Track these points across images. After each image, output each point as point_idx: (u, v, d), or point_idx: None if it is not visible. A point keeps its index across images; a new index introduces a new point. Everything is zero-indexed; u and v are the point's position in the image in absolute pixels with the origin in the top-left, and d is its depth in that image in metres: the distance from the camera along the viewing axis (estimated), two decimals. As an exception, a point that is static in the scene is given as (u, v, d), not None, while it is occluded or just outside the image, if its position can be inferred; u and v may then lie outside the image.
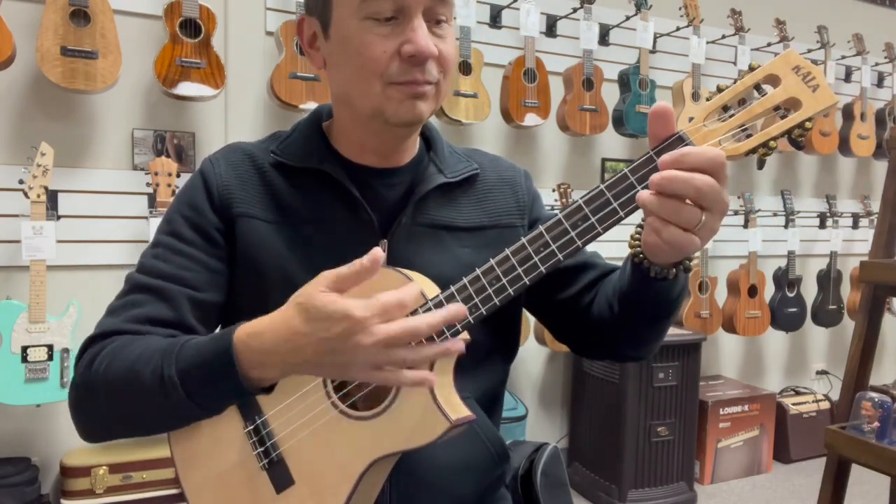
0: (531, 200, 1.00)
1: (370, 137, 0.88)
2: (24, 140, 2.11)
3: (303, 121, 0.95)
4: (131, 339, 0.80)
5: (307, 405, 0.81)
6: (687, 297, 3.03)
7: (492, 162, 1.00)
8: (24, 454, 2.18)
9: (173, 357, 0.73)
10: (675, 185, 0.67)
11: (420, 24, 0.78)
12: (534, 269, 0.74)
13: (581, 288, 0.95)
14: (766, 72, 0.71)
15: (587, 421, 2.92)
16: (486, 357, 0.93)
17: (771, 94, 0.71)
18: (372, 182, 0.90)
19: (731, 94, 0.71)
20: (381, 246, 0.86)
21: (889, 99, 3.63)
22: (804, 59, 0.70)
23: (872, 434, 1.53)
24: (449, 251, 0.90)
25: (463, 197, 0.94)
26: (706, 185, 0.66)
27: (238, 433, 0.84)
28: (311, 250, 0.87)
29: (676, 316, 0.88)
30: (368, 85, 0.81)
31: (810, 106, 0.70)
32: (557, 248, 0.74)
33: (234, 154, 0.92)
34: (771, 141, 0.71)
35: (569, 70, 2.78)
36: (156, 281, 0.84)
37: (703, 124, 0.72)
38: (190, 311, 0.84)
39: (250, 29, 2.40)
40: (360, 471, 0.78)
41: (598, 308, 0.91)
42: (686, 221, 0.68)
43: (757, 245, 3.16)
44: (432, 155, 0.94)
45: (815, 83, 0.70)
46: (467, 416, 0.76)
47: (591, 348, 0.99)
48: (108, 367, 0.77)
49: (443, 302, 0.76)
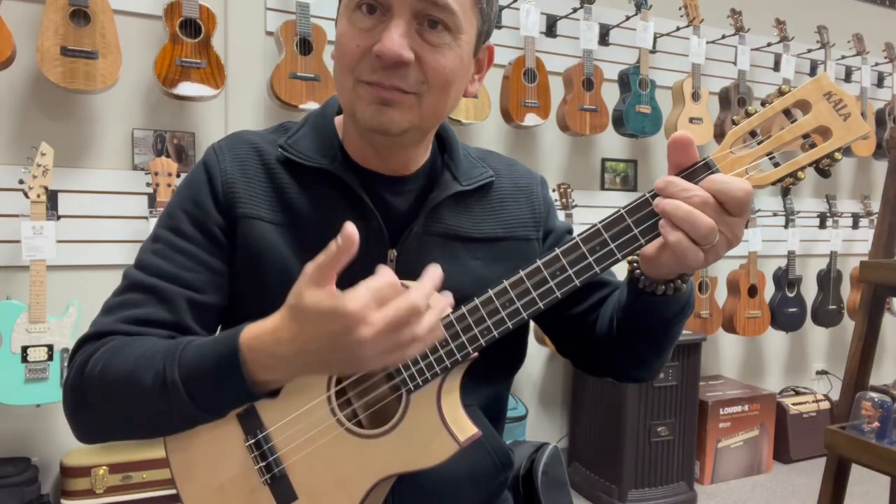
0: (546, 210, 0.96)
1: (364, 141, 0.84)
2: (24, 140, 2.11)
3: (314, 113, 0.91)
4: (128, 340, 0.77)
5: (312, 421, 0.79)
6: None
7: (508, 168, 0.96)
8: (24, 454, 2.17)
9: (176, 359, 0.71)
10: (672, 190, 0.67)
11: (398, 24, 0.73)
12: (549, 294, 0.73)
13: (589, 306, 0.92)
14: (797, 97, 0.69)
15: (587, 421, 2.91)
16: (493, 368, 0.91)
17: (801, 122, 0.68)
18: (381, 188, 0.85)
19: (760, 119, 0.69)
20: (390, 255, 0.84)
21: (889, 99, 3.63)
22: (836, 86, 0.68)
23: (872, 434, 1.52)
24: (461, 263, 0.86)
25: (477, 205, 0.90)
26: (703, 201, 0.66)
27: (239, 446, 0.81)
28: (316, 255, 0.84)
29: (674, 336, 0.85)
30: (343, 79, 0.78)
31: (841, 136, 0.67)
32: (574, 273, 0.72)
33: (239, 145, 0.87)
34: (799, 171, 0.69)
35: (569, 70, 2.78)
36: (154, 280, 0.81)
37: (730, 150, 0.69)
38: (188, 314, 0.81)
39: (250, 29, 2.40)
40: (365, 490, 0.77)
41: (601, 324, 0.89)
42: (698, 231, 0.66)
43: (757, 245, 3.16)
44: (447, 159, 0.90)
45: (846, 111, 0.67)
46: (474, 435, 0.75)
47: (592, 365, 0.96)
48: (104, 369, 0.75)
49: (453, 322, 0.74)
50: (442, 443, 0.74)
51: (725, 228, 0.67)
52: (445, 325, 0.74)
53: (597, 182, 3.09)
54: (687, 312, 0.82)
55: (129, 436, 0.80)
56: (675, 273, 0.74)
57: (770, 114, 0.69)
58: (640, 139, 3.03)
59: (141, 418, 0.76)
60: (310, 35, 2.27)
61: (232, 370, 0.68)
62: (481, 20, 0.81)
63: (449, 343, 0.74)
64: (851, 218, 3.69)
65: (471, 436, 0.75)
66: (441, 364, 0.75)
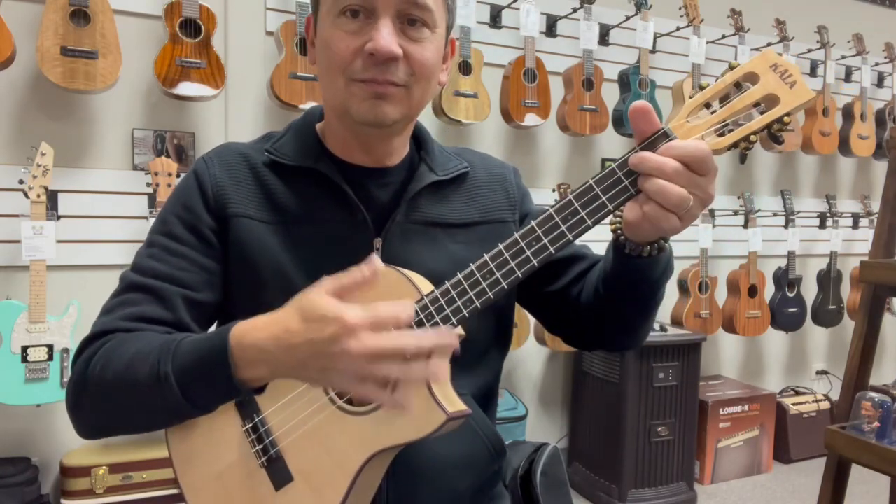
0: (521, 196, 1.02)
1: (352, 136, 0.90)
2: (24, 140, 2.11)
3: (296, 121, 0.97)
4: (127, 336, 0.80)
5: (305, 402, 0.81)
6: (686, 295, 3.03)
7: (481, 160, 1.02)
8: (24, 454, 2.17)
9: (170, 354, 0.73)
10: (647, 166, 0.71)
11: (385, 23, 0.80)
12: (526, 263, 0.76)
13: (570, 279, 0.97)
14: (745, 70, 0.74)
15: (587, 421, 2.92)
16: (482, 354, 0.95)
17: (750, 91, 0.74)
18: (365, 181, 0.91)
19: (712, 91, 0.75)
20: (376, 244, 0.88)
21: (889, 99, 3.63)
22: (782, 58, 0.73)
23: (872, 434, 1.52)
24: (442, 248, 0.92)
25: (454, 194, 0.95)
26: (675, 170, 0.70)
27: (236, 431, 0.84)
28: (306, 250, 0.87)
29: (660, 298, 0.90)
30: (334, 80, 0.84)
31: (788, 101, 0.73)
32: (549, 241, 0.75)
33: (227, 154, 0.92)
34: (751, 135, 0.74)
35: (569, 70, 2.78)
36: (151, 280, 0.84)
37: (686, 120, 0.74)
38: (185, 311, 0.85)
39: (250, 29, 2.40)
40: (358, 465, 0.79)
41: (586, 295, 0.93)
42: (669, 200, 0.71)
43: (757, 245, 3.16)
44: (423, 154, 0.96)
45: (792, 80, 0.73)
46: (464, 410, 0.77)
47: (582, 337, 1.00)
48: (104, 367, 0.78)
49: (438, 299, 0.77)
50: (430, 414, 0.75)
51: (697, 189, 0.72)
52: (431, 300, 0.76)
53: (597, 182, 3.08)
54: (669, 273, 0.87)
55: (128, 430, 0.83)
56: (656, 236, 0.79)
57: (721, 86, 0.74)
58: (640, 139, 3.03)
59: (138, 411, 0.78)
60: (310, 35, 2.27)
61: (220, 365, 0.70)
62: (448, 15, 0.88)
63: (434, 317, 0.77)
64: (851, 218, 3.69)
65: (459, 410, 0.77)
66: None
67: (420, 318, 0.76)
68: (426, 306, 0.77)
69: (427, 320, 0.77)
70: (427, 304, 0.77)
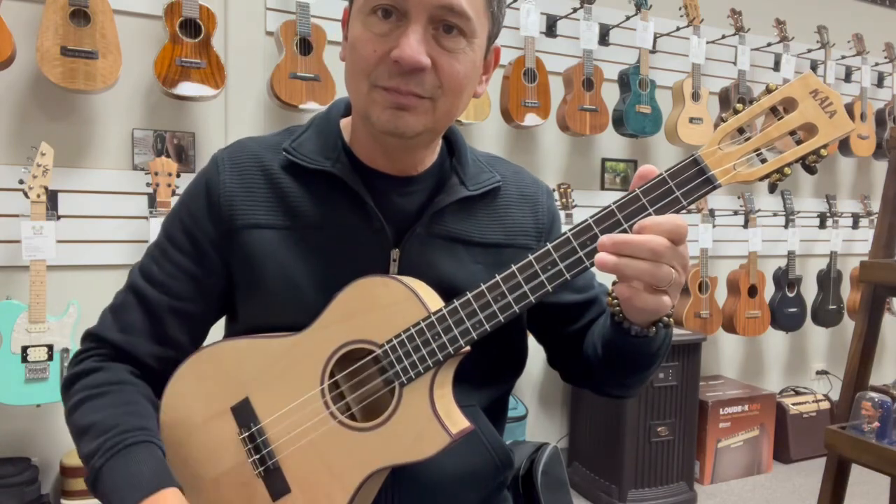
0: (550, 222, 0.96)
1: (375, 143, 0.84)
2: (24, 140, 2.11)
3: (319, 115, 0.91)
4: (104, 390, 0.83)
5: (305, 414, 0.80)
6: (686, 295, 3.03)
7: (514, 175, 0.95)
8: (24, 454, 2.17)
9: (107, 453, 0.77)
10: (627, 249, 0.68)
11: (416, 29, 0.74)
12: (540, 288, 0.73)
13: (585, 324, 0.94)
14: (784, 94, 0.69)
15: (587, 421, 2.91)
16: (494, 371, 0.92)
17: (787, 119, 0.69)
18: (387, 189, 0.86)
19: (748, 116, 0.70)
20: (393, 255, 0.84)
21: (889, 99, 3.63)
22: (822, 83, 0.69)
23: (872, 434, 1.52)
24: (462, 264, 0.87)
25: (482, 210, 0.90)
26: (660, 245, 0.67)
27: (232, 439, 0.82)
28: (319, 258, 0.84)
29: (658, 365, 0.87)
30: (357, 84, 0.79)
31: (827, 133, 0.68)
32: (565, 267, 0.72)
33: (241, 156, 0.88)
34: (786, 167, 0.70)
35: (569, 70, 2.78)
36: (145, 284, 0.87)
37: (718, 147, 0.70)
38: (170, 322, 0.86)
39: (250, 29, 2.40)
40: (358, 482, 0.78)
41: (587, 346, 0.91)
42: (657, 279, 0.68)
43: (757, 245, 3.16)
44: (454, 162, 0.90)
45: (832, 108, 0.68)
46: (466, 429, 0.76)
47: (579, 381, 0.99)
48: (75, 405, 0.82)
49: (446, 316, 0.75)
50: (434, 435, 0.74)
51: (677, 260, 0.69)
52: (438, 318, 0.74)
53: (597, 182, 3.09)
54: (668, 344, 0.84)
55: None
56: (656, 318, 0.76)
57: (757, 111, 0.70)
58: (640, 139, 3.03)
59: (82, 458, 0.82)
60: (310, 35, 2.27)
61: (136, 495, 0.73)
62: (492, 23, 0.81)
63: (441, 336, 0.75)
64: (851, 218, 3.69)
65: (463, 429, 0.76)
66: (433, 357, 0.75)
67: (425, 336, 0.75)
68: (433, 324, 0.75)
69: (433, 341, 0.75)
70: (434, 323, 0.75)
